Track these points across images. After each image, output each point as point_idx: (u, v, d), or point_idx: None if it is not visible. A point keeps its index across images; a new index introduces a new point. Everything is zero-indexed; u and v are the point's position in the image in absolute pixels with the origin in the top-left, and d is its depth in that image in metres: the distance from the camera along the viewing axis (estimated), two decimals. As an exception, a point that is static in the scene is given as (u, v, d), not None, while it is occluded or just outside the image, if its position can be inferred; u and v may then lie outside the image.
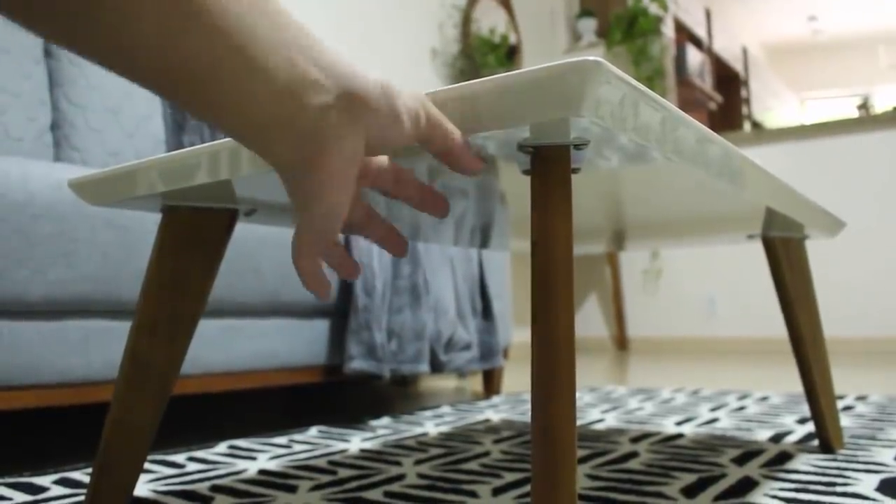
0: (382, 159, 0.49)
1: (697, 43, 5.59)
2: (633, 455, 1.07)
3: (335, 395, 2.11)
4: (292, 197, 0.41)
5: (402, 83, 3.18)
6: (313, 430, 1.36)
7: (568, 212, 0.48)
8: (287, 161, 0.39)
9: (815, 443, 1.14)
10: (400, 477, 0.95)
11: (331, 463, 1.06)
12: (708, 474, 0.93)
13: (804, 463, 0.99)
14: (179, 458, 1.11)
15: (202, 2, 0.32)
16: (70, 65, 1.62)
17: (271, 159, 0.39)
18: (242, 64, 0.34)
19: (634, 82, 0.44)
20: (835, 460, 1.00)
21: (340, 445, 1.21)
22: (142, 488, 0.92)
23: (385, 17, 3.13)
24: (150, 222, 1.22)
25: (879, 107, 7.78)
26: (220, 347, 1.34)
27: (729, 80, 6.53)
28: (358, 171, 0.41)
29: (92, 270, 1.14)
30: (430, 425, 1.40)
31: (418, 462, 1.05)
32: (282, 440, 1.26)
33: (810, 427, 1.30)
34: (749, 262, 3.94)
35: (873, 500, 0.79)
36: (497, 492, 0.86)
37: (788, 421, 1.37)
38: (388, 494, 0.86)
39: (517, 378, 2.55)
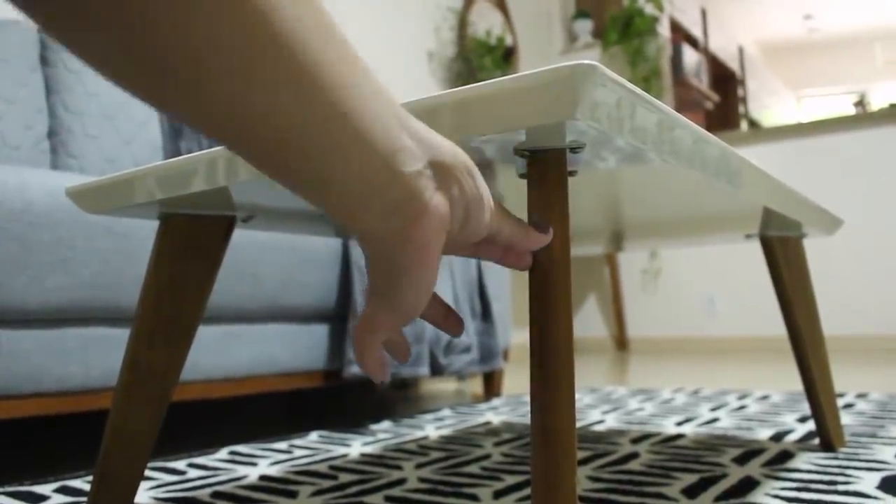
0: None
1: (693, 43, 5.59)
2: (634, 456, 1.07)
3: (335, 399, 2.11)
4: (374, 272, 0.39)
5: (398, 86, 3.18)
6: (314, 435, 1.36)
7: (564, 215, 0.48)
8: (376, 232, 0.37)
9: (816, 441, 1.14)
10: (401, 481, 0.95)
11: (332, 468, 1.06)
12: (709, 474, 0.93)
13: (805, 462, 0.99)
14: (180, 464, 1.11)
15: (317, 66, 0.30)
16: (67, 72, 1.62)
17: (359, 230, 0.37)
18: (345, 130, 0.33)
19: (630, 85, 0.44)
20: (836, 458, 1.00)
21: (341, 450, 1.21)
22: (143, 495, 0.92)
23: (381, 20, 3.13)
24: (148, 229, 1.22)
25: (876, 104, 7.79)
26: (219, 353, 1.34)
27: (725, 80, 6.54)
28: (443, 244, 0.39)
29: (90, 278, 1.14)
30: (431, 428, 1.40)
31: (419, 466, 1.05)
32: (282, 445, 1.26)
33: (811, 425, 1.30)
34: (748, 260, 3.94)
35: (875, 498, 0.79)
36: (498, 495, 0.86)
37: (789, 420, 1.37)
38: (389, 499, 0.86)
39: (517, 380, 2.54)
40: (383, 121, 0.34)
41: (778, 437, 1.19)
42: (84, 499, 0.90)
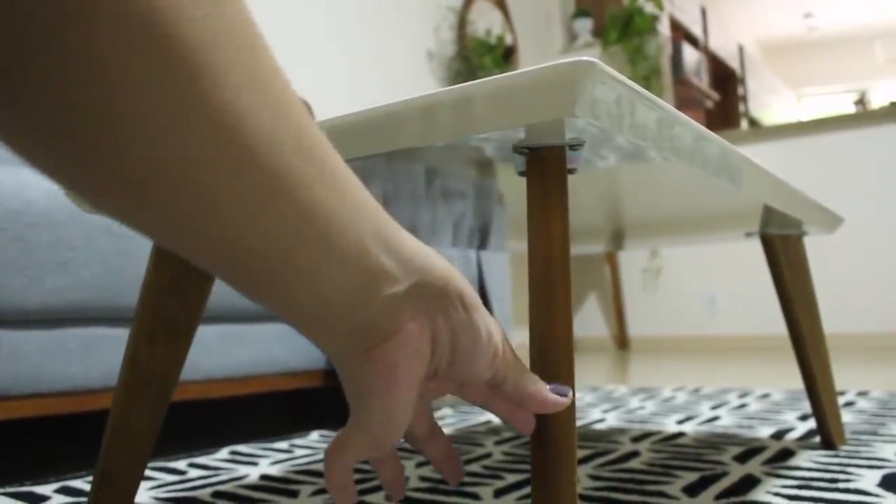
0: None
1: (693, 41, 5.59)
2: (635, 454, 1.07)
3: (336, 399, 2.11)
4: (346, 389, 0.38)
5: (398, 85, 3.18)
6: (314, 435, 1.36)
7: (564, 213, 0.48)
8: (345, 350, 0.35)
9: (817, 439, 1.14)
10: (401, 480, 0.95)
11: (332, 467, 1.06)
12: (710, 472, 0.93)
13: (806, 460, 0.99)
14: (181, 464, 1.11)
15: (290, 181, 0.28)
16: (66, 72, 1.62)
17: (327, 347, 0.35)
18: (319, 250, 0.30)
19: (629, 82, 0.44)
20: (836, 456, 1.00)
21: (342, 449, 1.20)
22: (143, 495, 0.92)
23: (381, 20, 3.13)
24: (147, 229, 1.22)
25: (876, 102, 7.79)
26: (219, 353, 1.34)
27: (726, 78, 6.54)
28: (424, 373, 0.37)
29: (90, 278, 1.14)
30: (432, 428, 1.40)
31: (419, 465, 1.05)
32: (283, 445, 1.26)
33: (812, 424, 1.29)
34: (749, 259, 3.94)
35: (875, 495, 0.79)
36: (499, 493, 0.86)
37: (790, 418, 1.37)
38: (390, 498, 0.86)
39: (518, 379, 2.54)
40: (361, 240, 0.32)
41: (779, 436, 1.19)
42: (85, 499, 0.90)
